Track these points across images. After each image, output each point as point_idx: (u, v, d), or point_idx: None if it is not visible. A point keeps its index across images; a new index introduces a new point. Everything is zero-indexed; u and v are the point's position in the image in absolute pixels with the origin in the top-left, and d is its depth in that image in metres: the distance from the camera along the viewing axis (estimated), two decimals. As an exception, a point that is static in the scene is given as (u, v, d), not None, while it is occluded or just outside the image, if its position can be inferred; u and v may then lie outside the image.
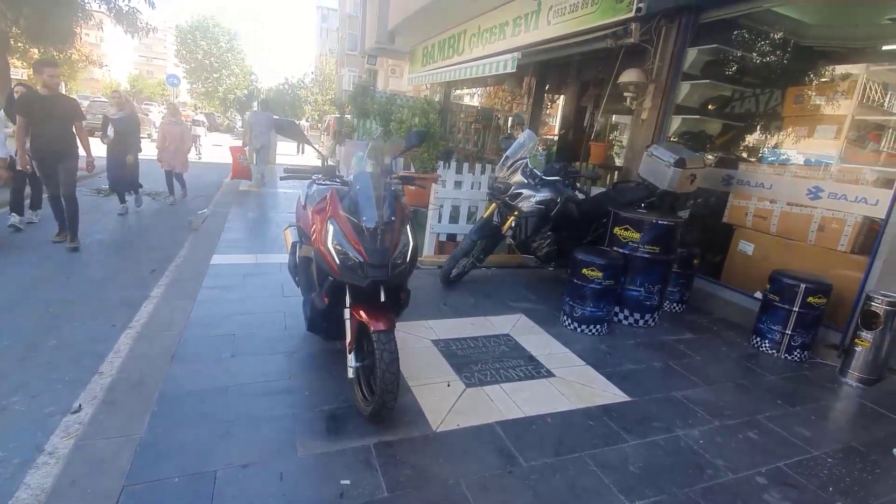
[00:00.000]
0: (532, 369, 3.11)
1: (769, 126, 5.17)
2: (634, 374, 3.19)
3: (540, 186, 4.20)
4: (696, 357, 3.56)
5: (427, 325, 3.59)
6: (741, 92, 5.32)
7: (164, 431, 2.20)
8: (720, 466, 2.34)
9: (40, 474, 2.04)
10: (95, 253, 5.18)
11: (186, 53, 36.83)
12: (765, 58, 5.44)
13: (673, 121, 4.94)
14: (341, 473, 2.03)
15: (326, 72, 38.19)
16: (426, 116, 6.31)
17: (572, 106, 8.78)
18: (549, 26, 6.03)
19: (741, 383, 3.26)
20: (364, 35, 14.62)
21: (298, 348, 3.10)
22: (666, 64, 4.81)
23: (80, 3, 8.06)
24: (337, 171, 2.76)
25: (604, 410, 2.72)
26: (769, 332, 3.71)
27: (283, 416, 2.38)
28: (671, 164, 4.12)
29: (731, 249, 4.68)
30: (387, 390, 2.16)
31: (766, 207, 4.39)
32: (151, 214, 7.37)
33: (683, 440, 2.52)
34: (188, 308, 3.54)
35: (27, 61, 13.51)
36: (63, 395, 2.63)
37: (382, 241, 2.27)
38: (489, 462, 2.20)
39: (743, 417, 2.81)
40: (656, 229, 3.82)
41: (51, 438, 2.27)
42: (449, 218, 5.37)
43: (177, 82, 18.50)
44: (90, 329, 3.43)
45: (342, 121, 12.73)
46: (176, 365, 2.77)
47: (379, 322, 2.20)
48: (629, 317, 4.00)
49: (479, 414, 2.56)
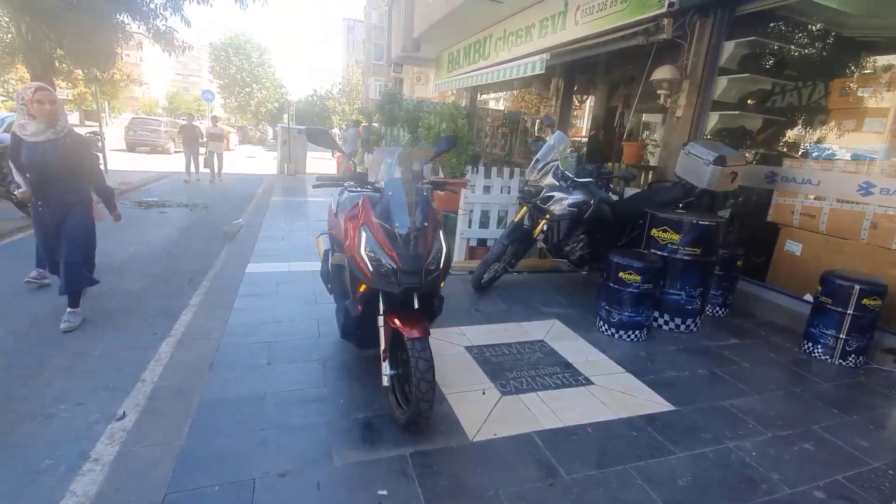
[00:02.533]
0: (569, 377, 3.01)
1: (813, 120, 4.93)
2: (678, 382, 3.05)
3: (572, 189, 4.10)
4: (744, 363, 3.39)
5: (460, 332, 3.55)
6: (782, 85, 5.09)
7: (204, 439, 2.22)
8: (775, 480, 2.20)
9: (86, 481, 2.09)
10: (135, 264, 5.36)
11: (220, 69, 38.24)
12: (806, 49, 5.20)
13: (710, 117, 4.76)
14: (378, 483, 2.00)
15: (353, 82, 38.92)
16: (454, 121, 6.29)
17: (602, 106, 8.62)
18: (578, 26, 5.94)
19: (793, 391, 3.08)
20: (390, 44, 14.82)
21: (332, 356, 3.10)
22: (701, 59, 4.64)
23: (120, 25, 8.42)
24: (368, 177, 2.75)
25: (647, 420, 2.61)
26: (821, 336, 3.50)
27: (319, 425, 2.38)
28: (710, 161, 3.95)
29: (778, 250, 4.46)
30: (422, 399, 2.12)
31: (815, 205, 4.17)
32: (188, 225, 7.60)
33: (734, 452, 2.38)
34: (225, 316, 3.60)
35: (71, 82, 14.25)
36: (107, 402, 2.70)
37: (415, 247, 2.24)
38: (528, 474, 2.13)
39: (797, 427, 2.64)
40: (697, 230, 3.67)
41: (96, 445, 2.33)
42: (479, 223, 5.33)
43: (211, 97, 19.15)
44: (132, 338, 3.53)
45: (370, 129, 12.94)
46: (214, 373, 2.81)
47: (413, 329, 2.17)
48: (669, 322, 3.84)
49: (516, 423, 2.49)
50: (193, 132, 12.58)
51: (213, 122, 13.64)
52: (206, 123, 14.75)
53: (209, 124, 13.53)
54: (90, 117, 29.26)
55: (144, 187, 11.15)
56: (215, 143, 12.79)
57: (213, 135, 12.78)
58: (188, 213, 8.39)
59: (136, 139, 19.59)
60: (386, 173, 2.63)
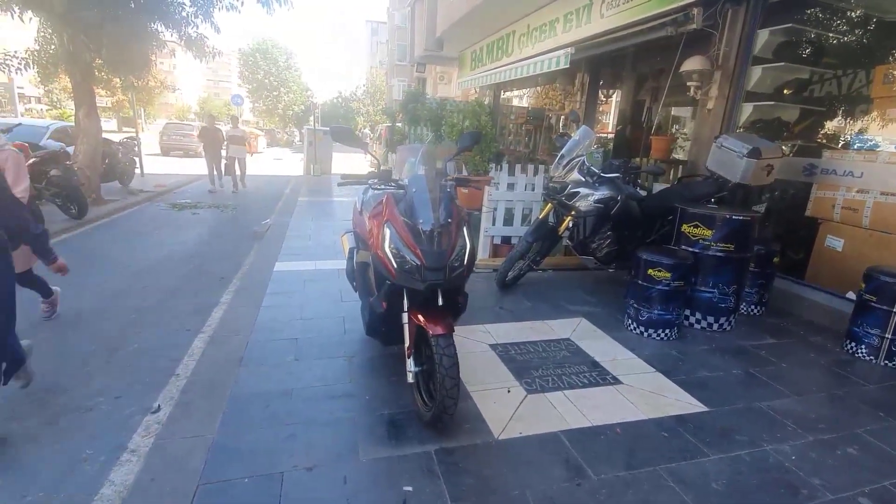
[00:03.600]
0: (597, 376, 2.96)
1: (855, 109, 4.69)
2: (711, 383, 2.95)
3: (598, 184, 4.02)
4: (781, 364, 3.25)
5: (484, 330, 3.52)
6: (820, 74, 4.87)
7: (235, 432, 2.27)
8: (816, 486, 2.10)
9: (123, 471, 2.16)
10: (170, 263, 5.53)
11: (248, 74, 39.19)
12: (845, 36, 4.95)
13: (743, 109, 4.59)
14: (404, 479, 2.01)
15: (377, 83, 39.29)
16: (478, 119, 6.26)
17: (629, 100, 8.43)
18: (603, 19, 5.82)
19: (835, 393, 2.94)
20: (413, 44, 14.88)
21: (357, 352, 3.13)
22: (733, 48, 4.48)
23: (155, 33, 8.71)
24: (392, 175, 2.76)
25: (679, 421, 2.53)
26: (865, 336, 3.34)
27: (345, 420, 2.40)
28: (744, 154, 3.81)
29: (817, 245, 4.26)
30: (447, 395, 2.12)
31: (857, 198, 3.97)
32: (219, 226, 7.81)
33: (772, 455, 2.29)
34: (254, 313, 3.68)
35: (110, 90, 14.80)
36: (143, 395, 2.80)
37: (439, 243, 2.23)
38: (555, 473, 2.09)
39: (840, 431, 2.52)
40: (730, 225, 3.54)
41: (133, 437, 2.42)
42: (503, 220, 5.29)
43: (240, 101, 19.70)
44: (166, 334, 3.65)
45: (394, 128, 12.98)
46: (244, 368, 2.87)
47: (437, 326, 2.16)
48: (701, 320, 3.73)
49: (543, 422, 2.45)
50: (215, 136, 11.25)
51: (233, 124, 12.16)
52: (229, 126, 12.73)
53: (228, 126, 12.07)
54: (128, 123, 30.43)
55: (178, 189, 11.53)
56: (237, 146, 11.49)
57: (234, 137, 11.47)
58: (219, 214, 8.63)
59: (170, 143, 20.33)
60: (409, 171, 2.64)
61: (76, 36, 7.60)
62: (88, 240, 6.49)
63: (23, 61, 8.37)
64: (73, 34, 7.57)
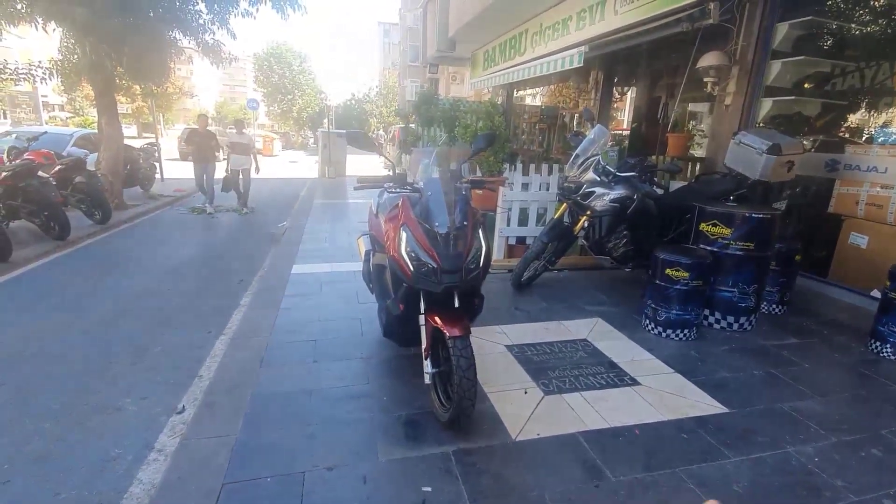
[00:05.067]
0: (614, 377, 2.94)
1: (879, 103, 4.57)
2: (731, 384, 2.92)
3: (614, 183, 3.99)
4: (804, 364, 3.20)
5: (500, 331, 3.53)
6: (842, 67, 4.74)
7: (257, 432, 2.32)
8: (840, 488, 2.07)
9: (151, 470, 2.23)
10: (191, 266, 5.65)
11: (263, 78, 39.66)
12: (868, 27, 4.82)
13: (762, 104, 4.51)
14: (422, 480, 2.03)
15: (390, 84, 39.45)
16: (491, 119, 6.26)
17: (644, 97, 8.33)
18: (617, 16, 5.76)
19: (859, 393, 2.88)
20: (425, 45, 14.89)
21: (375, 354, 3.16)
22: (751, 43, 4.41)
23: (173, 41, 8.90)
24: (407, 178, 2.79)
25: (698, 422, 2.51)
26: (891, 335, 3.26)
27: (363, 420, 2.43)
28: (763, 151, 3.75)
29: (841, 243, 4.17)
30: (464, 397, 2.13)
31: (882, 194, 3.87)
32: (237, 228, 7.94)
33: (795, 457, 2.25)
34: (273, 315, 3.75)
35: (130, 97, 15.12)
36: (168, 396, 2.88)
37: (455, 245, 2.25)
38: (573, 474, 2.09)
39: (864, 432, 2.47)
40: (750, 223, 3.49)
41: (159, 437, 2.49)
42: (518, 221, 5.28)
43: (255, 106, 19.93)
44: (189, 336, 3.73)
45: (407, 130, 12.99)
46: (265, 369, 2.93)
47: (454, 328, 2.18)
48: (721, 320, 3.68)
49: (560, 423, 2.45)
50: (207, 142, 9.00)
51: (238, 128, 9.42)
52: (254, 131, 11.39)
53: (232, 130, 9.62)
54: (147, 129, 31.10)
55: (197, 193, 11.72)
56: (239, 156, 9.04)
57: (237, 145, 9.05)
58: (237, 217, 8.77)
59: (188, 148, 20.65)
60: (424, 173, 2.66)
61: (98, 46, 7.80)
62: (112, 244, 6.66)
63: (47, 71, 8.61)
64: (94, 44, 7.77)
